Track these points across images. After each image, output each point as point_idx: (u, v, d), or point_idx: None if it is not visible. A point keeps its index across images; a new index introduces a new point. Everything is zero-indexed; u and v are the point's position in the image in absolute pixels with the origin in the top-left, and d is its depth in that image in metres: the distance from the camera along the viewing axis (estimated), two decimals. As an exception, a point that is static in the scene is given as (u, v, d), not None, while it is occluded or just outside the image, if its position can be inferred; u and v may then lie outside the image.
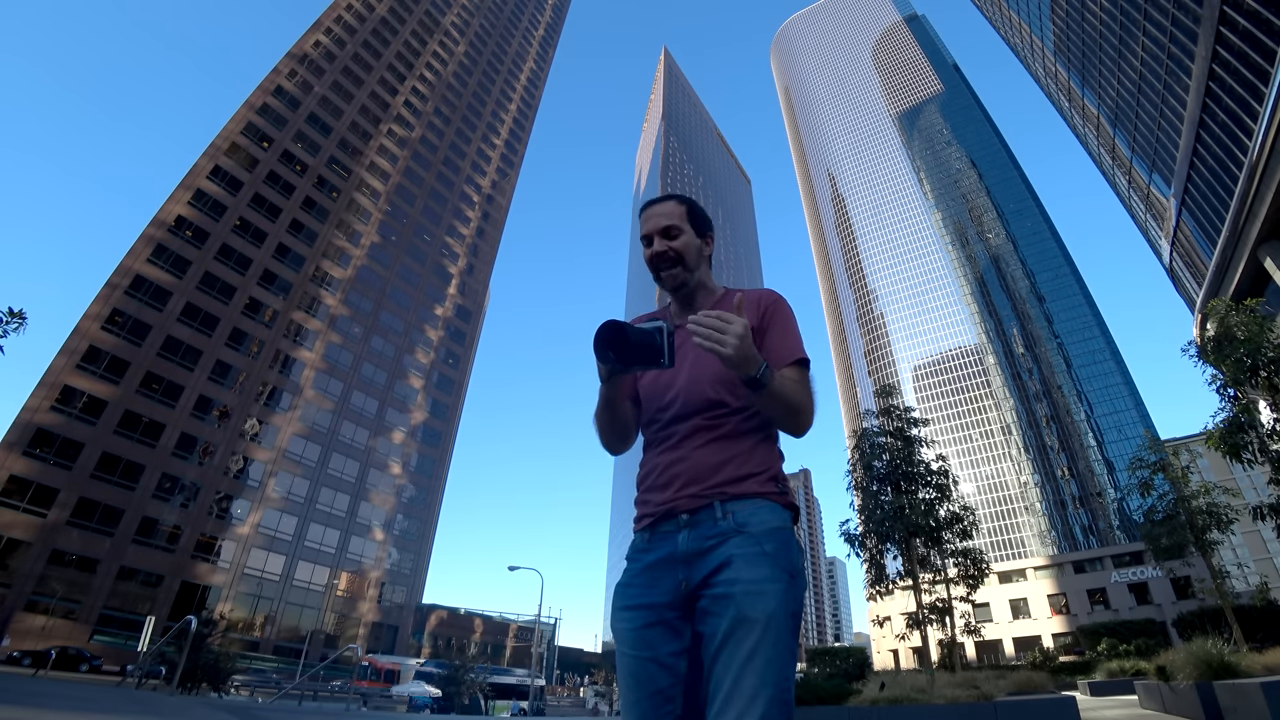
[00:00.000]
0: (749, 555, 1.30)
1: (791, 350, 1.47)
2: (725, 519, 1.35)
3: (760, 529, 1.34)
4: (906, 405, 14.33)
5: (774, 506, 1.38)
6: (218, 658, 20.45)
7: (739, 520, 1.35)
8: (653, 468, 1.50)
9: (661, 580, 1.37)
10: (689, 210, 1.63)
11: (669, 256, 1.58)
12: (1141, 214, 37.26)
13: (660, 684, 1.30)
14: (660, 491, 1.45)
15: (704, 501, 1.38)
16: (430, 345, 61.83)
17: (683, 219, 1.60)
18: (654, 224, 1.59)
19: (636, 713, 1.30)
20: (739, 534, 1.33)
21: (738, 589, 1.25)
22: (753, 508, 1.37)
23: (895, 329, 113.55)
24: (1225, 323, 11.04)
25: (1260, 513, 11.09)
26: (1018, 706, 8.41)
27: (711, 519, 1.36)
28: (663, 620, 1.34)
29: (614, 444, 1.62)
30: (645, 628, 1.34)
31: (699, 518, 1.38)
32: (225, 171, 48.56)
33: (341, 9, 64.40)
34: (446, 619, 59.71)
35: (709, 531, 1.35)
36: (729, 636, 1.21)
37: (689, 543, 1.37)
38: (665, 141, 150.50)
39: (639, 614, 1.36)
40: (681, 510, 1.40)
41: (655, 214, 1.61)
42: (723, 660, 1.21)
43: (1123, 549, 53.98)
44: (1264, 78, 19.24)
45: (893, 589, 13.86)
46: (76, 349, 37.55)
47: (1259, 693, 5.66)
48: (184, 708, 9.12)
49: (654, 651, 1.32)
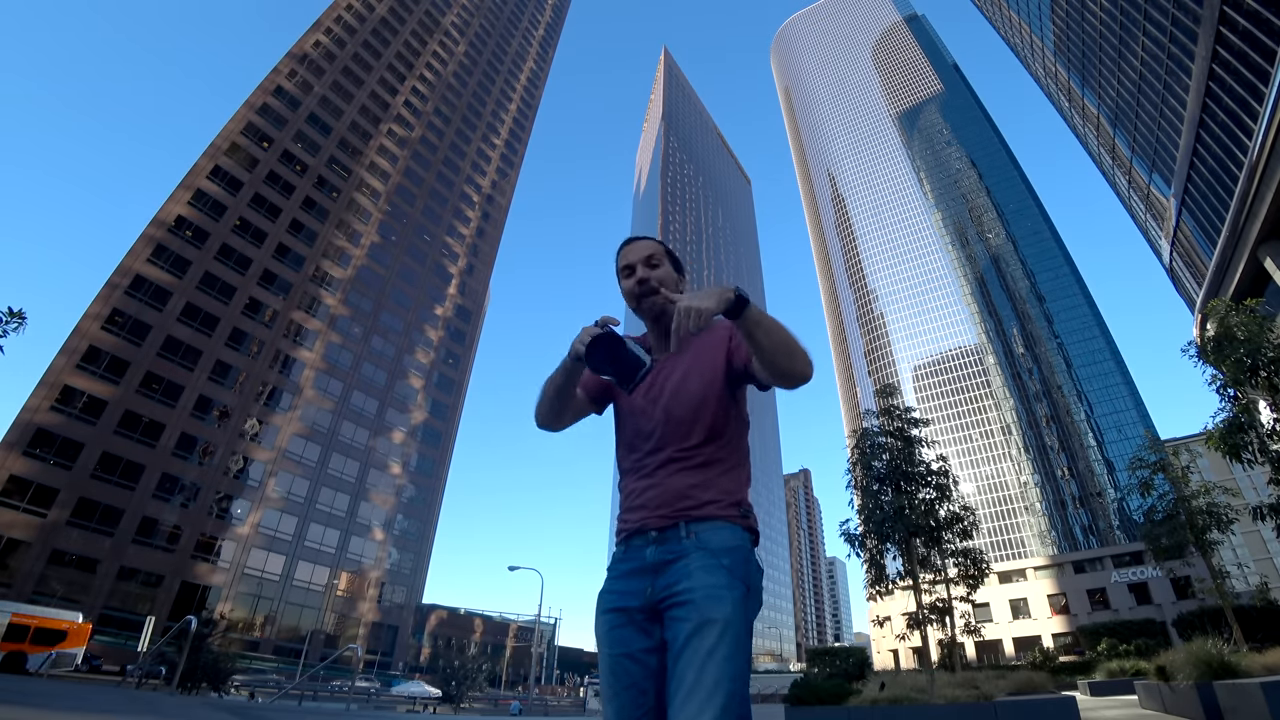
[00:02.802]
0: (708, 566, 1.44)
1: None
2: (689, 537, 1.50)
3: (718, 546, 1.48)
4: (907, 405, 14.32)
5: (734, 528, 1.53)
6: (218, 658, 20.49)
7: (701, 539, 1.49)
8: (630, 491, 1.64)
9: (633, 587, 1.52)
10: (666, 250, 1.75)
11: (651, 286, 1.67)
12: (1141, 214, 37.25)
13: (634, 677, 1.44)
14: (635, 511, 1.60)
15: (671, 521, 1.53)
16: (430, 345, 61.82)
17: (661, 255, 1.72)
18: (636, 254, 1.70)
19: (615, 704, 1.44)
20: (700, 550, 1.48)
21: (698, 594, 1.40)
22: (713, 528, 1.51)
23: (895, 329, 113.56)
24: (1225, 323, 11.03)
25: (1260, 513, 11.10)
26: (1018, 706, 8.41)
27: (677, 536, 1.51)
28: (634, 621, 1.49)
29: (547, 417, 1.74)
30: (620, 628, 1.49)
31: (666, 535, 1.53)
32: (225, 171, 48.55)
33: (341, 9, 64.38)
34: (446, 619, 59.73)
35: (674, 547, 1.50)
36: (691, 636, 1.34)
37: (656, 555, 1.52)
38: (665, 142, 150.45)
39: (614, 616, 1.51)
40: (651, 527, 1.55)
41: (636, 248, 1.72)
42: (685, 657, 1.32)
43: (1123, 549, 53.96)
44: (1264, 78, 19.23)
45: (893, 589, 13.82)
46: (76, 349, 37.54)
47: (1259, 693, 5.67)
48: (184, 708, 9.12)
49: (627, 648, 1.47)
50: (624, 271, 1.71)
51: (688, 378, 1.62)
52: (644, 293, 1.67)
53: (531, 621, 54.47)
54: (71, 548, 34.71)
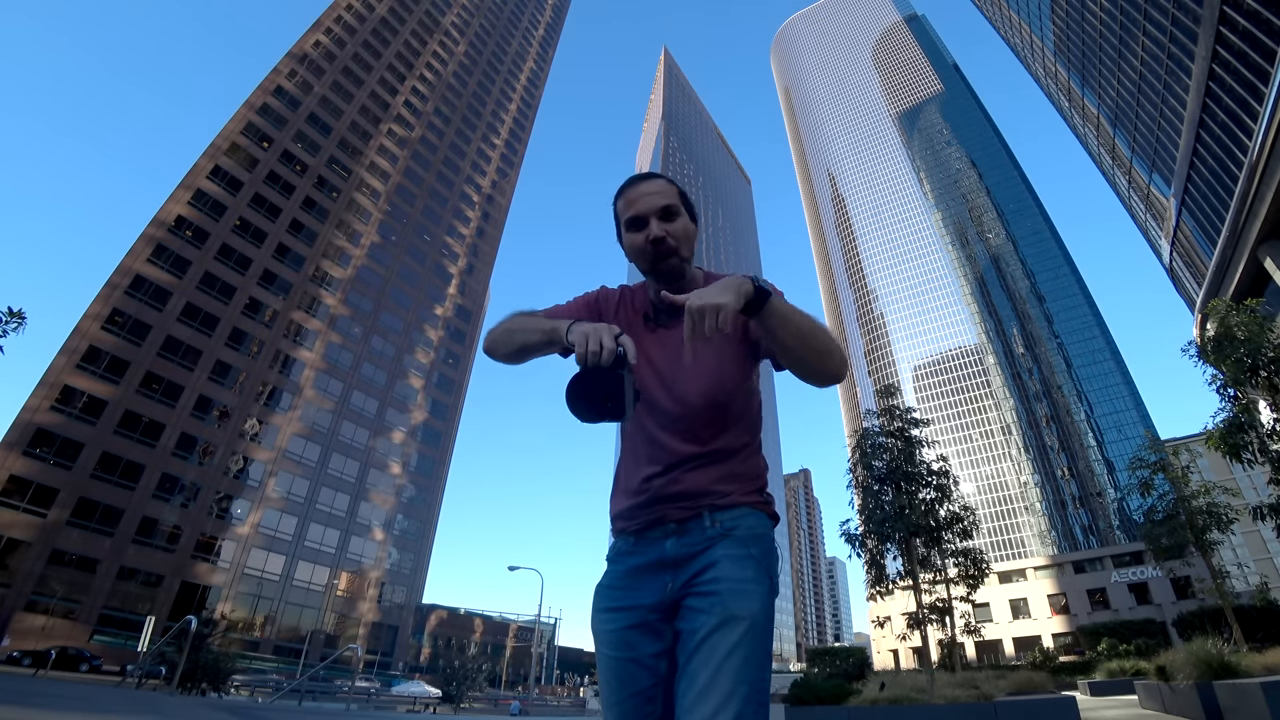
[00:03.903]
0: (736, 557, 1.31)
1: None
2: (714, 526, 1.36)
3: (747, 534, 1.35)
4: (907, 405, 14.33)
5: (759, 514, 1.40)
6: (218, 658, 20.46)
7: (726, 526, 1.36)
8: (642, 478, 1.43)
9: (647, 583, 1.37)
10: (680, 192, 1.44)
11: (669, 245, 1.38)
12: (1141, 214, 37.26)
13: (641, 685, 1.31)
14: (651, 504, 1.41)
15: (694, 512, 1.39)
16: (430, 345, 61.83)
17: (679, 202, 1.42)
18: (649, 203, 1.38)
19: (618, 713, 1.31)
20: (726, 538, 1.34)
21: (724, 587, 1.26)
22: (739, 515, 1.38)
23: (895, 329, 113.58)
24: (1225, 323, 11.05)
25: (1260, 513, 11.10)
26: (1018, 706, 8.42)
27: (700, 527, 1.37)
28: (645, 622, 1.34)
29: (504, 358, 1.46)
30: (628, 629, 1.34)
31: (688, 526, 1.38)
32: (225, 171, 48.55)
33: (341, 9, 64.39)
34: (446, 619, 59.76)
35: (698, 537, 1.36)
36: (713, 632, 1.22)
37: (677, 548, 1.37)
38: (665, 141, 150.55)
39: (621, 615, 1.36)
40: (671, 520, 1.39)
41: (648, 192, 1.40)
42: (701, 654, 1.20)
43: (1123, 549, 53.97)
44: (1264, 78, 19.24)
45: (893, 589, 13.83)
46: (76, 349, 37.54)
47: (1259, 693, 5.67)
48: (184, 708, 9.13)
49: (635, 652, 1.32)
50: (632, 224, 1.40)
51: (701, 358, 1.39)
52: (661, 254, 1.39)
53: (531, 621, 54.51)
54: (71, 548, 34.71)
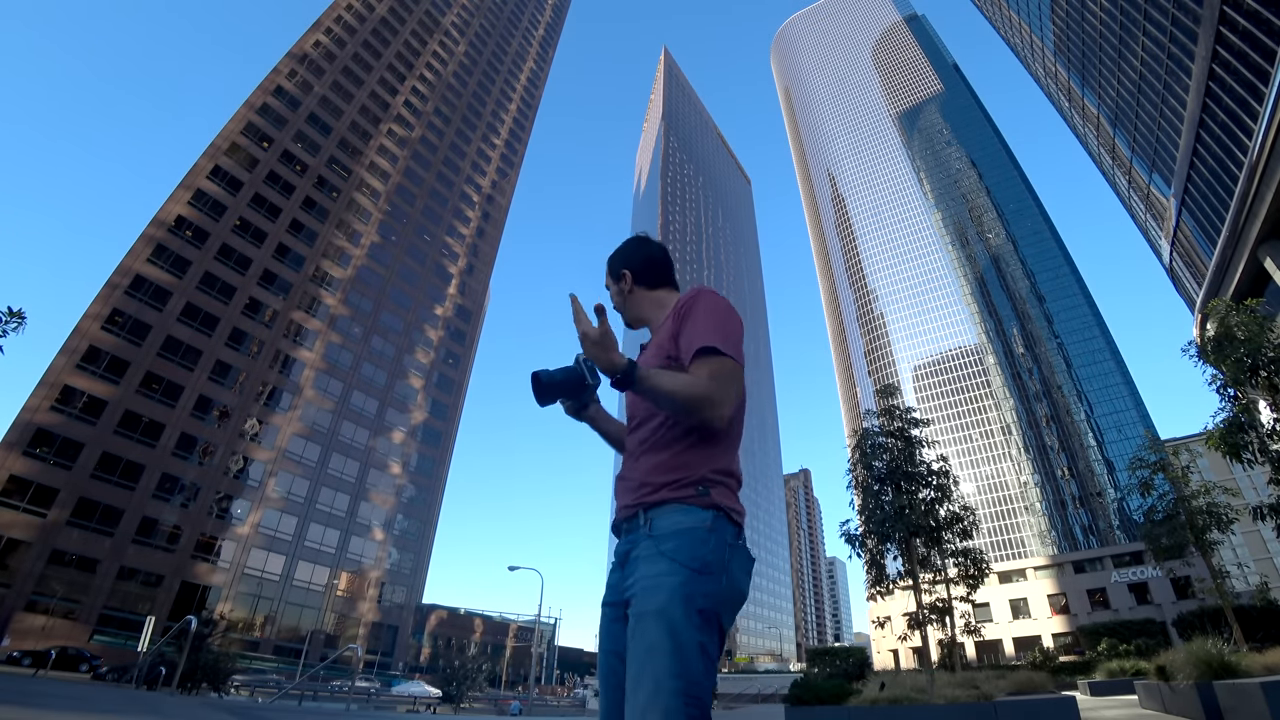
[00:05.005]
0: (648, 555, 1.38)
1: (692, 341, 1.46)
2: (645, 525, 1.44)
3: (664, 530, 1.40)
4: (907, 405, 14.32)
5: (688, 509, 1.41)
6: (218, 658, 20.48)
7: (654, 526, 1.42)
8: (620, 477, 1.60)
9: (612, 581, 1.50)
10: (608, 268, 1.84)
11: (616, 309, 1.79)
12: (1141, 214, 37.25)
13: (620, 676, 1.35)
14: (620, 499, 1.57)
15: (632, 511, 1.48)
16: (430, 345, 61.82)
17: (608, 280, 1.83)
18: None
19: (603, 701, 1.39)
20: (647, 538, 1.42)
21: (637, 586, 1.34)
22: (665, 512, 1.43)
23: (895, 329, 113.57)
24: (1225, 323, 11.04)
25: (1260, 513, 11.09)
26: (1018, 706, 8.41)
27: (636, 526, 1.46)
28: (620, 617, 1.42)
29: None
30: (611, 622, 1.45)
31: (631, 524, 1.49)
32: (225, 171, 48.54)
33: (341, 9, 64.37)
34: (446, 619, 59.70)
35: (635, 535, 1.45)
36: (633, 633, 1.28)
37: (625, 545, 1.49)
38: (665, 141, 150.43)
39: (607, 609, 1.48)
40: (621, 517, 1.52)
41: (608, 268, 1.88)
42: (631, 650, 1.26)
43: (1123, 549, 53.94)
44: (1264, 78, 19.23)
45: (893, 589, 13.82)
46: (76, 349, 37.53)
47: (1259, 693, 5.67)
48: (184, 708, 9.12)
49: (615, 645, 1.41)
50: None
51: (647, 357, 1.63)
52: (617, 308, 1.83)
53: (531, 621, 54.51)
54: (71, 548, 34.70)
